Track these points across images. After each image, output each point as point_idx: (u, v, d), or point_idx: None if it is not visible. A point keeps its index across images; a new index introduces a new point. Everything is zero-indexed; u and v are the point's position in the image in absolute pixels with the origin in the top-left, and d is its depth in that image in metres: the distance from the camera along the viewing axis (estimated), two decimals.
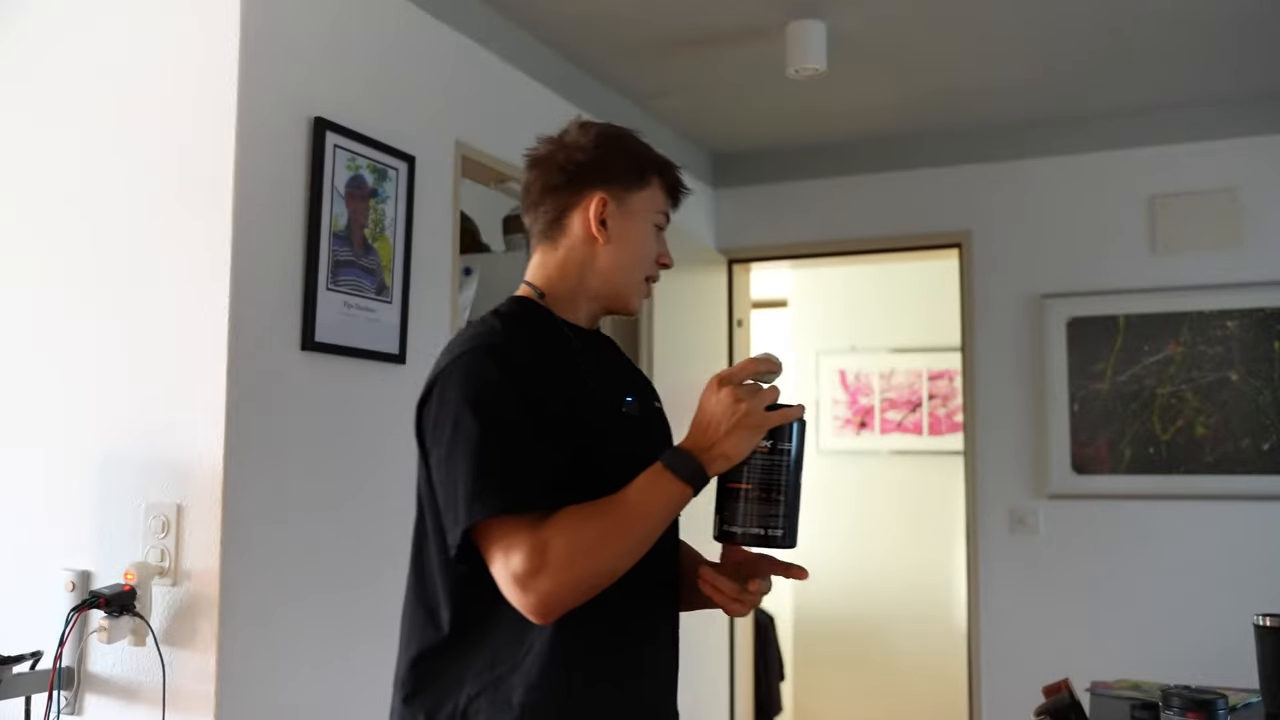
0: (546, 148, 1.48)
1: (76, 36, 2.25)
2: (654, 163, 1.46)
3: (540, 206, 1.46)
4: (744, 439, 1.21)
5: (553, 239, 1.45)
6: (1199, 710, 1.80)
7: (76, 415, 2.14)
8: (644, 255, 1.42)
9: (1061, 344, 3.83)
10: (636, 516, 1.22)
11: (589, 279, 1.43)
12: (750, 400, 1.22)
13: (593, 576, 1.20)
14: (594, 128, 1.46)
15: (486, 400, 1.24)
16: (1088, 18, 3.00)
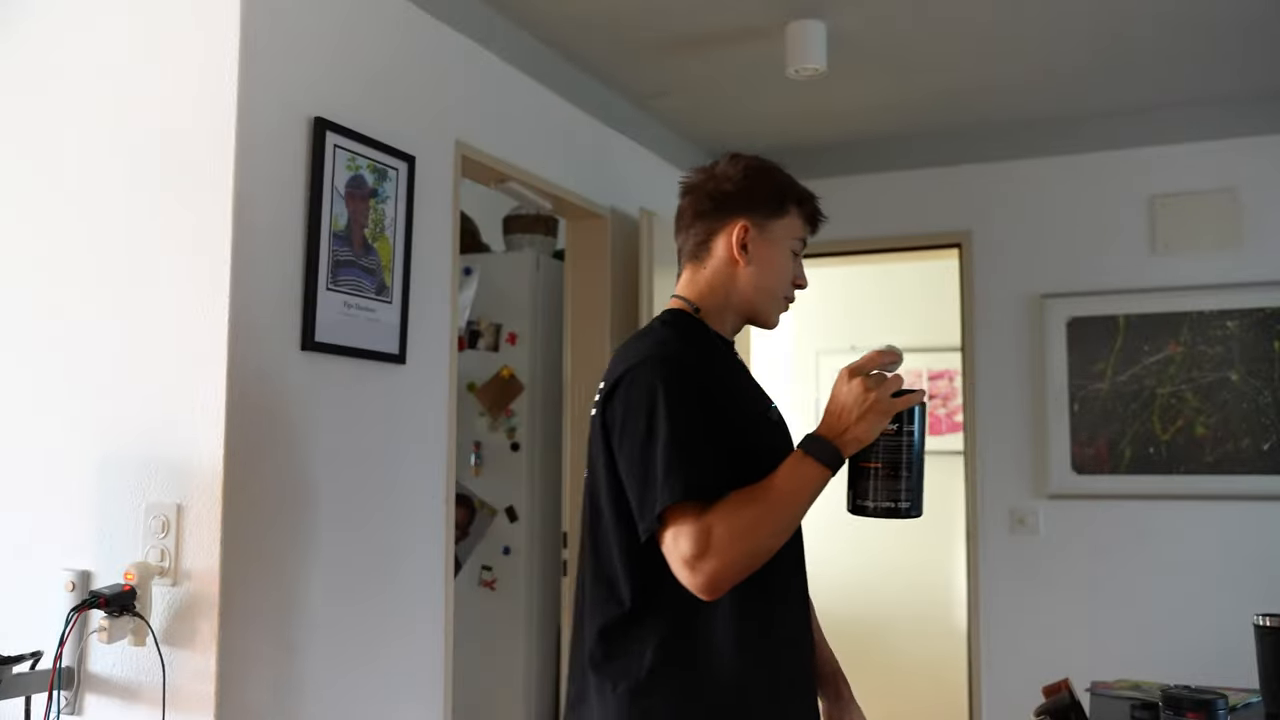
0: (698, 176, 1.65)
1: (77, 36, 2.25)
2: (794, 193, 1.67)
3: (690, 229, 1.63)
4: (873, 423, 1.38)
5: (700, 259, 1.62)
6: (1199, 710, 1.80)
7: (76, 415, 2.13)
8: (781, 277, 1.61)
9: (1061, 344, 3.83)
10: (786, 500, 1.39)
11: (732, 296, 1.60)
12: (878, 389, 1.38)
13: (750, 557, 1.36)
14: (742, 160, 1.66)
15: (673, 400, 1.41)
16: (1088, 18, 3.00)
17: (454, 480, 2.69)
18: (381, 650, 2.41)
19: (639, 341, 1.53)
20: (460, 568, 3.54)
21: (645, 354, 1.46)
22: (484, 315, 3.68)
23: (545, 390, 3.66)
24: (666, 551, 1.37)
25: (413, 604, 2.53)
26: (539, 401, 3.64)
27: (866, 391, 1.38)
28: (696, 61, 3.32)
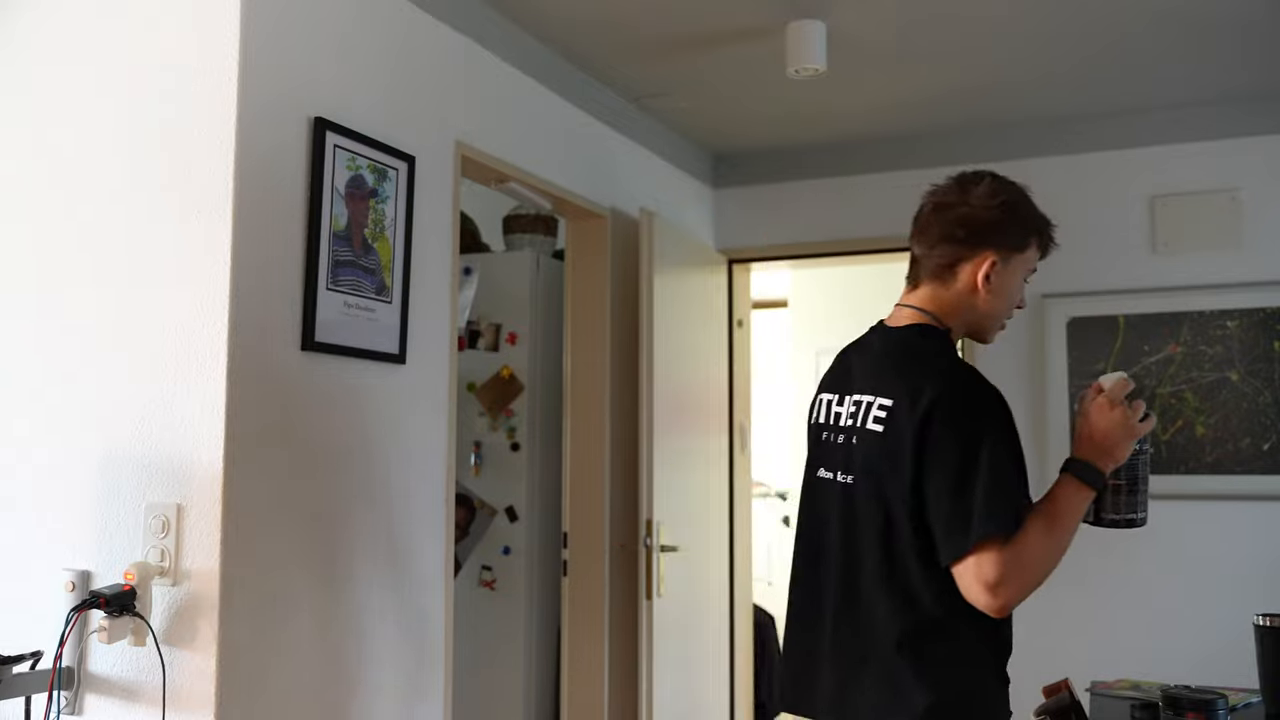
0: (952, 196, 1.71)
1: (76, 37, 2.25)
2: (1037, 227, 1.72)
3: (936, 248, 1.71)
4: (1128, 447, 1.59)
5: (944, 280, 1.73)
6: (1199, 710, 1.80)
7: (76, 415, 2.13)
8: (1012, 303, 1.76)
9: (1061, 344, 3.83)
10: (1066, 526, 1.58)
11: (967, 317, 1.76)
12: (1133, 416, 1.58)
13: (1041, 579, 1.56)
14: (1001, 191, 1.69)
15: (998, 431, 1.59)
16: (1088, 18, 3.00)
17: (454, 480, 2.69)
18: (382, 650, 2.41)
19: (937, 358, 1.68)
20: (460, 568, 3.54)
21: (962, 376, 1.65)
22: (484, 315, 3.68)
23: (545, 390, 3.66)
24: (963, 573, 1.52)
25: (413, 604, 2.53)
26: (539, 401, 3.64)
27: (1127, 420, 1.58)
28: (696, 61, 3.32)
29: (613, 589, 3.48)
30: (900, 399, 1.60)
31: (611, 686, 3.46)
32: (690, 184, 4.22)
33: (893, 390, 1.62)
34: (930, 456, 1.55)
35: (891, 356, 1.70)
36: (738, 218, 4.40)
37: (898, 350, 1.70)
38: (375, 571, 2.40)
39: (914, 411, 1.57)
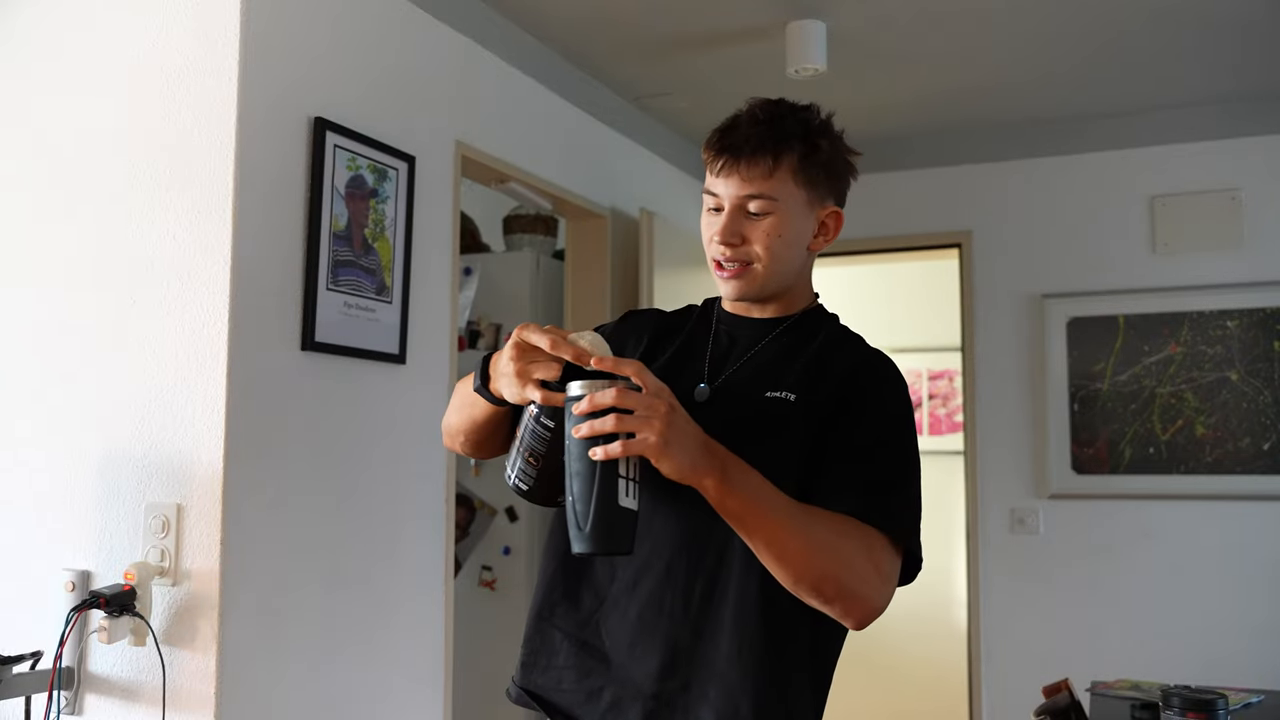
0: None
1: (76, 37, 2.25)
2: (707, 139, 1.44)
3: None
4: (505, 382, 1.25)
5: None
6: (1199, 710, 1.80)
7: (76, 415, 2.13)
8: (705, 238, 1.44)
9: (1061, 344, 3.83)
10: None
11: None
12: (520, 359, 1.22)
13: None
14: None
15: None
16: (1088, 18, 3.00)
17: (454, 480, 2.69)
18: (382, 650, 2.41)
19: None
20: (460, 568, 3.54)
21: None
22: (484, 315, 3.68)
23: None
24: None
25: (413, 604, 2.53)
26: None
27: (512, 347, 1.23)
28: (696, 61, 3.32)
29: None
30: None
31: None
32: (690, 184, 4.22)
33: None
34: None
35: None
36: None
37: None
38: (375, 571, 2.40)
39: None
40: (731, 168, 1.36)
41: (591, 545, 1.13)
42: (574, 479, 1.14)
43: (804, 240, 1.38)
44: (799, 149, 1.35)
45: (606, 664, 1.31)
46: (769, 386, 1.33)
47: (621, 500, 1.13)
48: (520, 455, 1.28)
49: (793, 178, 1.34)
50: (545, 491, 1.29)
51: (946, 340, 4.77)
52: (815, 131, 1.37)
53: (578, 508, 1.13)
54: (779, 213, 1.34)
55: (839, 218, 1.41)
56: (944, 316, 4.61)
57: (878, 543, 1.22)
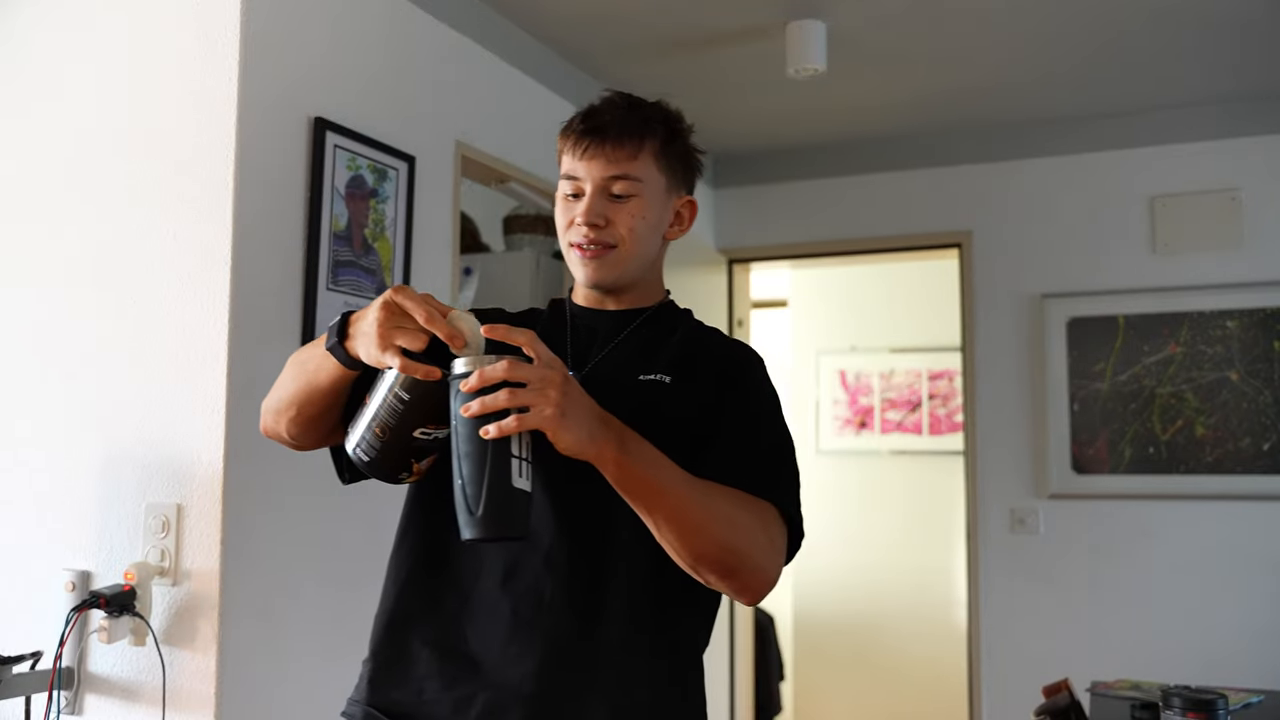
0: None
1: (76, 36, 2.25)
2: (565, 125, 1.37)
3: None
4: (364, 341, 1.14)
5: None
6: (1199, 710, 1.80)
7: (77, 415, 2.13)
8: (561, 224, 1.35)
9: (1061, 344, 3.83)
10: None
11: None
12: (387, 323, 1.12)
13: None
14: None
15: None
16: (1088, 18, 3.00)
17: None
18: None
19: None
20: None
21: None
22: None
23: None
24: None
25: None
26: None
27: (379, 309, 1.13)
28: (696, 61, 3.32)
29: None
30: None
31: None
32: None
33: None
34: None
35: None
36: (738, 218, 4.40)
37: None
38: (376, 571, 2.40)
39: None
40: (597, 149, 1.31)
41: (484, 530, 1.07)
42: (462, 461, 1.08)
43: (662, 227, 1.38)
44: (661, 134, 1.36)
45: (476, 669, 1.22)
46: (641, 370, 1.31)
47: (515, 481, 1.08)
48: (369, 425, 1.18)
49: (655, 161, 1.34)
50: (388, 467, 1.21)
51: (946, 340, 4.77)
52: (674, 120, 1.40)
53: (468, 491, 1.07)
54: (643, 195, 1.32)
55: (693, 207, 1.44)
56: (944, 316, 4.61)
57: (770, 515, 1.22)
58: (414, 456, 1.21)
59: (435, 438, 1.18)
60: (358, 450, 1.20)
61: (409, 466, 1.22)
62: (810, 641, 5.28)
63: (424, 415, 1.16)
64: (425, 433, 1.17)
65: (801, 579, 5.30)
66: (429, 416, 1.16)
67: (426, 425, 1.17)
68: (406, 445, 1.17)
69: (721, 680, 4.14)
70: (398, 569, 1.32)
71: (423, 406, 1.15)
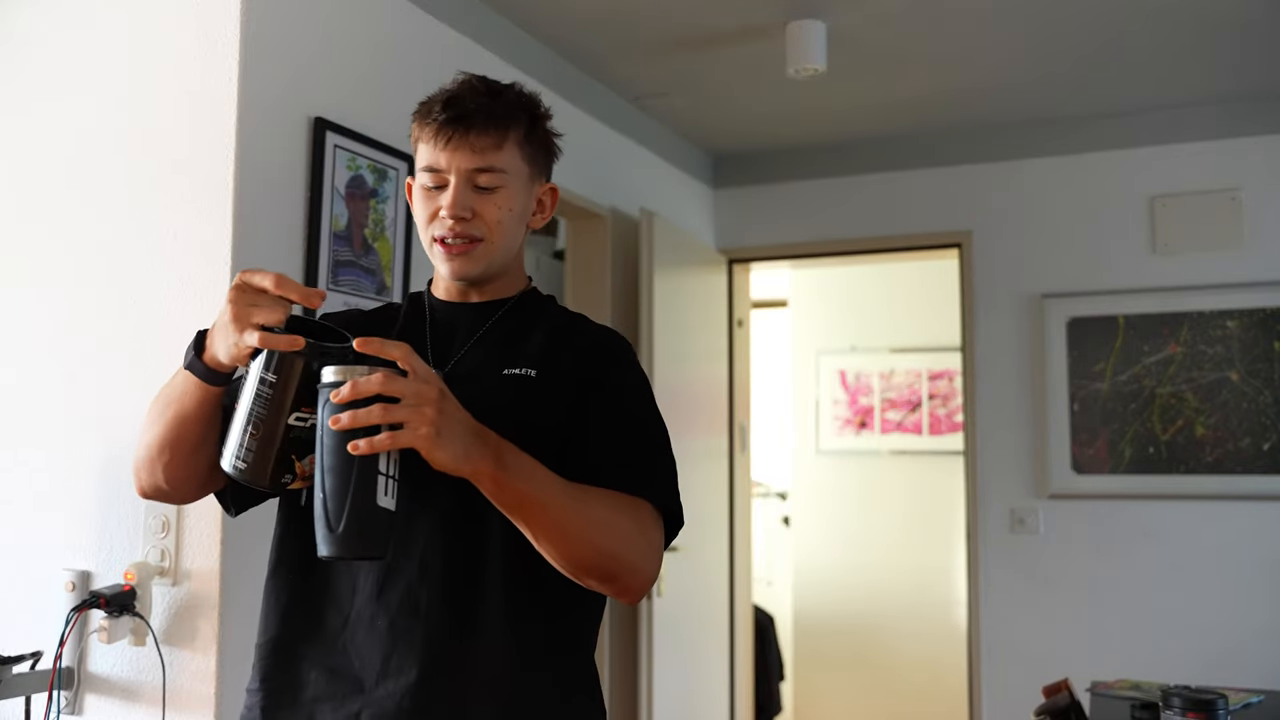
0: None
1: (76, 36, 2.25)
2: (418, 113, 1.30)
3: None
4: (221, 337, 1.13)
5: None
6: (1199, 710, 1.80)
7: (77, 415, 2.13)
8: (422, 217, 1.30)
9: (1061, 344, 3.83)
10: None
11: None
12: (239, 303, 1.12)
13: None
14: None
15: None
16: (1088, 18, 3.00)
17: None
18: None
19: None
20: None
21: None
22: None
23: None
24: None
25: None
26: None
27: (232, 291, 1.14)
28: (696, 61, 3.32)
29: None
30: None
31: (612, 686, 3.46)
32: (690, 184, 4.22)
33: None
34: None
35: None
36: (738, 218, 4.40)
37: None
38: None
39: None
40: (460, 139, 1.25)
41: (342, 548, 1.03)
42: (326, 475, 1.03)
43: (526, 216, 1.33)
44: (525, 122, 1.30)
45: (360, 685, 1.18)
46: (506, 365, 1.28)
47: (380, 499, 1.03)
48: (241, 429, 1.10)
49: (519, 151, 1.29)
50: (268, 470, 1.11)
51: (946, 340, 4.77)
52: (535, 105, 1.33)
53: (330, 506, 1.02)
54: (508, 185, 1.28)
55: (554, 194, 1.38)
56: (944, 316, 4.61)
57: (645, 513, 1.21)
58: (294, 451, 1.10)
59: (310, 424, 1.09)
60: (235, 461, 1.11)
61: (290, 466, 1.11)
62: (810, 641, 5.28)
63: (295, 398, 1.09)
64: (301, 418, 1.09)
65: (801, 579, 5.30)
66: (300, 399, 1.09)
67: (300, 409, 1.09)
68: (283, 440, 1.09)
69: (721, 680, 4.14)
70: (276, 594, 1.28)
71: (291, 388, 1.09)
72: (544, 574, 1.18)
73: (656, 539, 1.22)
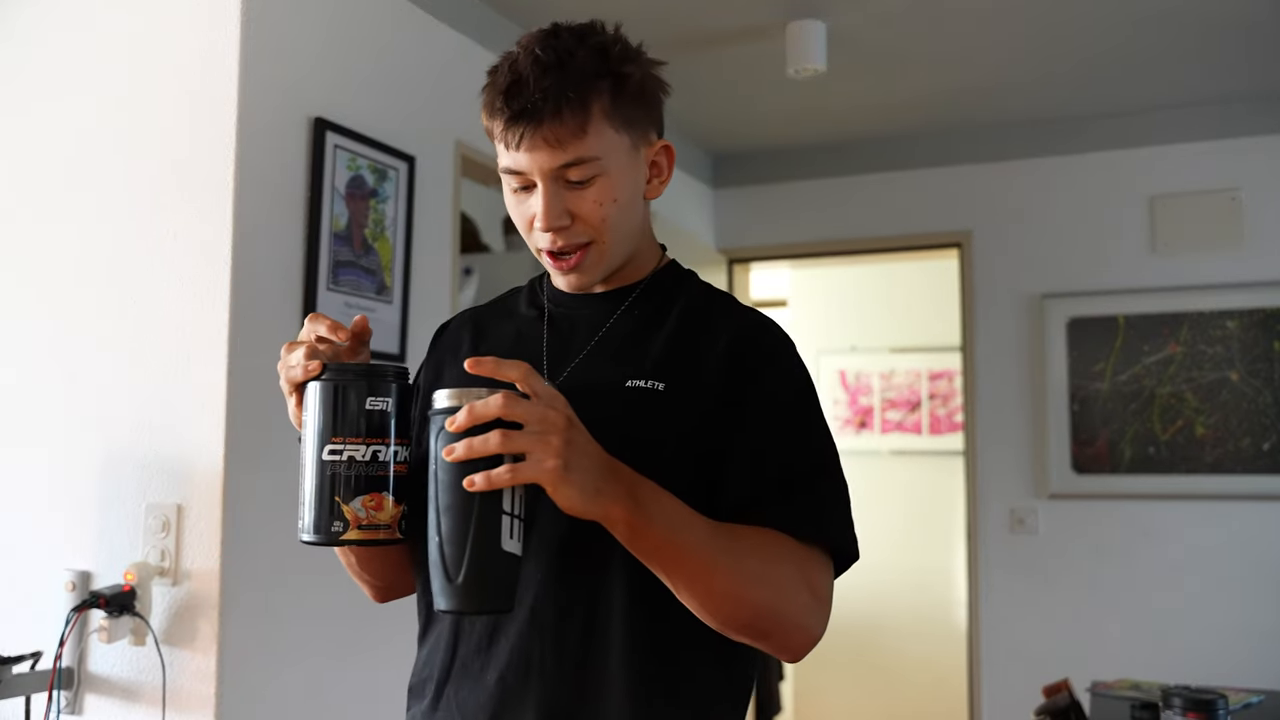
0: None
1: (76, 36, 2.25)
2: (484, 100, 1.09)
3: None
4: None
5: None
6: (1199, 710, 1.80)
7: (77, 415, 2.13)
8: (520, 225, 1.12)
9: (1061, 344, 3.83)
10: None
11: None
12: (281, 367, 1.03)
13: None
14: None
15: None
16: (1088, 18, 3.00)
17: None
18: (382, 650, 2.41)
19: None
20: None
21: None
22: None
23: None
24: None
25: (413, 603, 2.52)
26: None
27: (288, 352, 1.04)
28: (696, 61, 3.32)
29: None
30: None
31: None
32: (690, 184, 4.22)
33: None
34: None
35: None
36: (738, 218, 4.40)
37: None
38: None
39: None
40: (534, 134, 1.04)
41: (464, 601, 0.91)
42: (443, 515, 0.90)
43: (639, 193, 1.12)
44: (607, 86, 1.06)
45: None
46: (629, 375, 1.08)
47: (504, 543, 0.90)
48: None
49: (608, 125, 1.06)
50: (319, 520, 0.98)
51: (946, 340, 4.77)
52: (616, 57, 1.09)
53: (447, 551, 0.90)
54: (607, 172, 1.06)
55: (670, 151, 1.15)
56: (944, 316, 4.61)
57: (812, 561, 1.03)
58: (337, 493, 0.97)
59: (349, 457, 0.97)
60: (299, 524, 1.00)
61: (338, 512, 0.97)
62: None
63: (324, 426, 0.98)
64: (334, 450, 0.97)
65: None
66: (329, 426, 0.97)
67: (332, 439, 0.97)
68: (323, 479, 0.96)
69: None
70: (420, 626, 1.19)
71: (317, 415, 0.98)
72: (680, 634, 1.03)
73: (825, 588, 1.03)
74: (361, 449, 0.97)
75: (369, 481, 0.96)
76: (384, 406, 0.98)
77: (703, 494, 1.02)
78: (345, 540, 0.97)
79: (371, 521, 0.97)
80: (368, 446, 0.97)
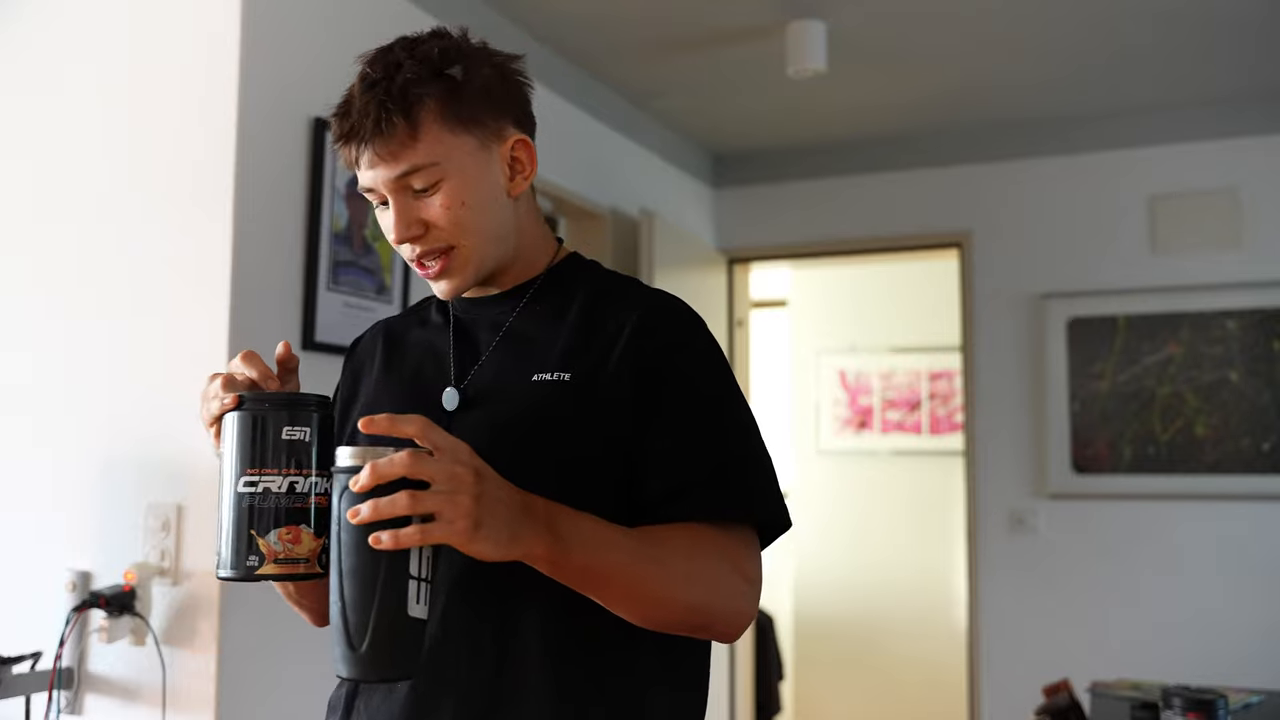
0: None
1: (76, 36, 2.25)
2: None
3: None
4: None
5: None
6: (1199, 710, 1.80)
7: (78, 416, 2.13)
8: (390, 241, 1.11)
9: (1061, 344, 3.83)
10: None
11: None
12: (201, 406, 1.02)
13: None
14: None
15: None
16: (1088, 17, 3.00)
17: None
18: None
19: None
20: None
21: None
22: None
23: None
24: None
25: None
26: None
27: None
28: (696, 61, 3.32)
29: None
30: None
31: None
32: (690, 184, 4.22)
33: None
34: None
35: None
36: (738, 218, 4.40)
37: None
38: None
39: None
40: (366, 149, 1.08)
41: (367, 670, 0.86)
42: (346, 580, 0.85)
43: (498, 191, 1.09)
44: (437, 90, 1.07)
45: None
46: (534, 369, 1.06)
47: (411, 608, 0.86)
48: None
49: (445, 128, 1.06)
50: (234, 552, 0.94)
51: (946, 340, 4.77)
52: (445, 61, 1.10)
53: (350, 618, 0.85)
54: (450, 176, 1.05)
55: (528, 146, 1.11)
56: (944, 316, 4.61)
57: (739, 545, 1.01)
58: (253, 526, 0.93)
59: (264, 489, 0.93)
60: (216, 553, 0.96)
61: (253, 545, 0.93)
62: (810, 641, 5.28)
63: (240, 458, 0.95)
64: (249, 482, 0.94)
65: (802, 579, 5.30)
66: (245, 457, 0.95)
67: (247, 470, 0.94)
68: (239, 512, 0.93)
69: (721, 680, 4.14)
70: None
71: (234, 446, 0.96)
72: (602, 624, 1.00)
73: (755, 569, 1.02)
74: (278, 480, 0.93)
75: (286, 514, 0.93)
76: (303, 436, 0.94)
77: (620, 482, 1.01)
78: (261, 575, 0.92)
79: (289, 555, 0.92)
80: (285, 478, 0.93)
